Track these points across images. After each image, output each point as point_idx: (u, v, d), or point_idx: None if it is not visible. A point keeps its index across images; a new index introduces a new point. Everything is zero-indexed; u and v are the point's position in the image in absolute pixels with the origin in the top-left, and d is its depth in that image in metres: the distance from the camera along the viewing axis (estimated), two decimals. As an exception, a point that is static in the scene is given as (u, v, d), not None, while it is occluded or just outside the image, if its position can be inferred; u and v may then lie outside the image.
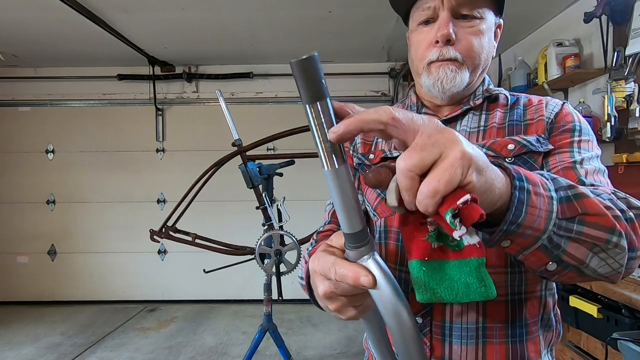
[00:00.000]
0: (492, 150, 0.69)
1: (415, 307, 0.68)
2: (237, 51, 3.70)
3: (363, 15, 2.93)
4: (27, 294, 4.09)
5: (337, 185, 0.37)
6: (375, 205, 0.79)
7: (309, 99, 0.34)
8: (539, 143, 0.68)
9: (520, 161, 0.67)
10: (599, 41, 2.20)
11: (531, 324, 0.67)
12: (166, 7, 2.74)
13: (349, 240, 0.41)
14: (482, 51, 0.71)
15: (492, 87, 0.78)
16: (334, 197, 0.38)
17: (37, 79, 4.08)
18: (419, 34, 0.73)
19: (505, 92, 0.78)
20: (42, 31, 3.14)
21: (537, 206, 0.42)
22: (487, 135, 0.72)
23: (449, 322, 0.67)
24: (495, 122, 0.74)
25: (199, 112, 4.16)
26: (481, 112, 0.76)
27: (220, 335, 3.28)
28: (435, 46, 0.70)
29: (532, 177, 0.44)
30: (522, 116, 0.73)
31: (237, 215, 4.02)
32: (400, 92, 4.11)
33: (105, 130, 4.12)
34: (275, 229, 2.36)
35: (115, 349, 3.03)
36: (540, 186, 0.43)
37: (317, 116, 0.35)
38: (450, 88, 0.70)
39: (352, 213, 0.39)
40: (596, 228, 0.45)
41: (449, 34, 0.67)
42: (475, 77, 0.74)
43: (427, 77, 0.72)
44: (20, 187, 4.13)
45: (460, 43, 0.69)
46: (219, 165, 2.51)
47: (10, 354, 2.96)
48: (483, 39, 0.71)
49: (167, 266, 4.16)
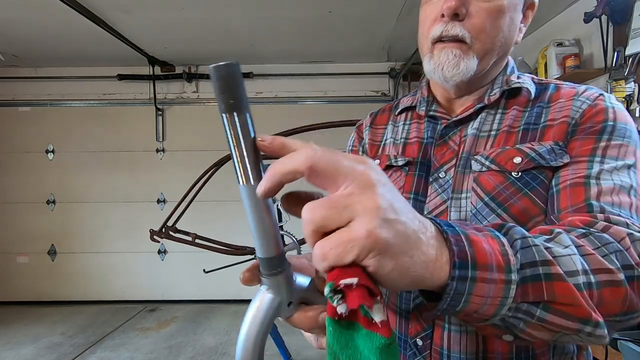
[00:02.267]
0: (495, 164, 0.60)
1: (416, 327, 0.63)
2: (237, 51, 3.70)
3: (363, 15, 2.93)
4: (27, 294, 4.09)
5: (252, 204, 0.34)
6: None
7: (225, 109, 0.32)
8: (553, 154, 0.58)
9: (528, 177, 0.58)
10: (599, 41, 2.20)
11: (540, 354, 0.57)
12: (166, 7, 2.74)
13: (262, 265, 0.38)
14: (498, 33, 0.60)
15: (514, 77, 0.66)
16: (248, 217, 0.35)
17: (37, 79, 4.08)
18: (427, 6, 0.64)
19: (530, 84, 0.65)
20: (42, 31, 3.13)
21: (485, 295, 0.35)
22: (496, 142, 0.62)
23: (447, 349, 0.60)
24: (508, 124, 0.63)
25: (199, 112, 4.16)
26: (496, 111, 0.66)
27: (220, 335, 3.28)
28: (441, 20, 0.60)
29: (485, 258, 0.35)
30: (541, 116, 0.62)
31: (237, 215, 4.02)
32: (400, 92, 4.11)
33: (105, 130, 4.12)
34: (275, 229, 2.36)
35: (115, 349, 3.03)
36: (494, 270, 0.35)
37: (233, 127, 0.32)
38: (453, 76, 0.61)
39: (266, 236, 0.35)
40: (564, 317, 0.37)
41: (456, 6, 0.58)
42: (487, 64, 0.63)
43: (428, 61, 0.64)
44: (20, 187, 4.13)
45: (471, 19, 0.59)
46: (219, 165, 2.51)
47: (10, 354, 2.96)
48: (502, 18, 0.60)
49: (167, 266, 4.16)
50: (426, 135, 0.70)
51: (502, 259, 0.35)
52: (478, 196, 0.60)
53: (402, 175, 0.70)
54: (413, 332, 0.64)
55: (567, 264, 0.38)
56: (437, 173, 0.66)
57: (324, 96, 4.18)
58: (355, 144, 0.83)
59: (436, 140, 0.68)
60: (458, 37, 0.60)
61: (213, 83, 0.31)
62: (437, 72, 0.62)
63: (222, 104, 0.32)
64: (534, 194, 0.58)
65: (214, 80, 0.31)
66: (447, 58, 0.61)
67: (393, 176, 0.72)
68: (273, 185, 0.31)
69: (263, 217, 0.34)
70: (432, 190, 0.65)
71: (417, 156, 0.69)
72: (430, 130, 0.70)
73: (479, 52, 0.61)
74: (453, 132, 0.67)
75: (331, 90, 4.16)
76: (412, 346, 0.64)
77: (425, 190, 0.66)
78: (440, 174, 0.65)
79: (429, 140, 0.69)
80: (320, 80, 4.14)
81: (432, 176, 0.66)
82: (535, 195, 0.58)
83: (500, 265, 0.35)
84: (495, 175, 0.60)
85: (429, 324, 0.62)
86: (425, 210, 0.65)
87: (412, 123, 0.74)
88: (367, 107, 4.02)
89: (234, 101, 0.32)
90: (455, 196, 0.63)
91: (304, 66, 4.08)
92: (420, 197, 0.66)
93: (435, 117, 0.70)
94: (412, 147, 0.71)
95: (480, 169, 0.61)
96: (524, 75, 0.67)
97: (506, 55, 0.67)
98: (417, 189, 0.67)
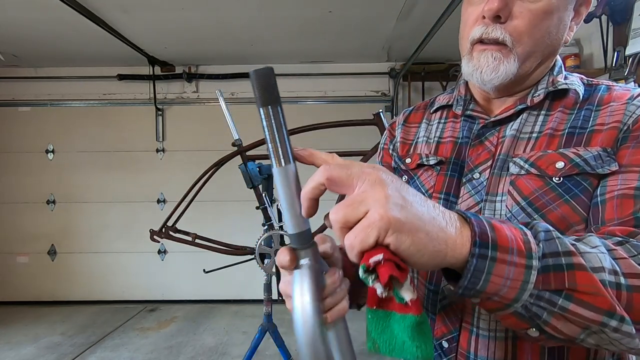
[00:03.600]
0: (535, 168, 0.57)
1: (442, 329, 0.63)
2: (237, 51, 3.70)
3: (363, 15, 2.93)
4: (27, 294, 4.09)
5: (284, 184, 0.40)
6: None
7: (262, 103, 0.39)
8: (600, 161, 0.54)
9: (570, 183, 0.55)
10: (599, 41, 2.21)
11: None
12: (166, 7, 2.74)
13: (293, 240, 0.43)
14: (544, 35, 0.57)
15: (561, 78, 0.63)
16: (280, 195, 0.40)
17: (37, 79, 4.08)
18: (468, 5, 0.62)
19: (579, 85, 0.62)
20: (42, 31, 3.13)
21: (505, 276, 0.37)
22: (537, 145, 0.59)
23: (474, 353, 0.59)
24: (552, 127, 0.60)
25: (199, 112, 4.16)
26: (539, 112, 0.62)
27: (220, 335, 3.28)
28: (482, 22, 0.58)
29: (506, 242, 0.37)
30: (589, 120, 0.58)
31: (237, 215, 4.02)
32: (400, 92, 4.11)
33: (105, 130, 4.12)
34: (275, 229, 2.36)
35: (115, 349, 3.03)
36: (514, 253, 0.37)
37: (268, 118, 0.39)
38: (492, 80, 0.59)
39: (296, 213, 0.41)
40: (587, 308, 0.38)
41: (498, 7, 0.55)
42: (530, 67, 0.60)
43: (467, 63, 0.62)
44: (20, 187, 4.13)
45: (514, 21, 0.56)
46: (219, 165, 2.51)
47: (10, 354, 2.96)
48: (549, 19, 0.56)
49: (167, 266, 4.16)
50: (461, 135, 0.68)
51: (523, 245, 0.38)
52: (514, 200, 0.58)
53: (434, 175, 0.68)
54: (439, 334, 0.63)
55: (592, 260, 0.39)
56: (471, 174, 0.64)
57: (324, 96, 4.18)
58: (386, 142, 0.81)
59: (472, 140, 0.66)
60: (498, 40, 0.57)
61: (253, 82, 0.38)
62: (475, 75, 0.61)
63: (261, 99, 0.39)
64: (576, 201, 0.55)
65: (253, 80, 0.38)
66: (487, 61, 0.59)
67: (424, 175, 0.70)
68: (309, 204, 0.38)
69: (295, 195, 0.40)
70: (465, 191, 0.63)
71: (451, 156, 0.68)
72: (466, 129, 0.68)
73: (520, 55, 0.58)
74: (490, 133, 0.65)
75: (331, 90, 4.16)
76: (437, 348, 0.64)
77: (457, 191, 0.64)
78: (474, 174, 0.63)
79: (464, 140, 0.67)
80: (320, 80, 4.14)
81: (466, 177, 0.64)
82: (577, 202, 0.55)
83: (521, 250, 0.37)
84: (534, 179, 0.57)
85: (456, 326, 0.61)
86: None
87: (448, 122, 0.72)
88: (367, 107, 4.03)
89: (270, 97, 0.39)
90: (490, 199, 0.61)
91: (304, 66, 4.07)
92: (452, 198, 0.64)
93: (473, 116, 0.68)
94: (445, 146, 0.69)
95: (519, 171, 0.59)
96: (572, 76, 0.64)
97: (554, 56, 0.63)
98: (448, 189, 0.65)
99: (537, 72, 0.63)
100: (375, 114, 2.40)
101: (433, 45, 3.14)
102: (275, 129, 0.40)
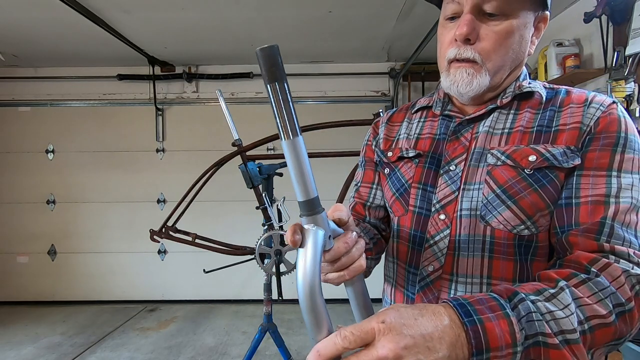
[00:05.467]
0: (511, 159, 0.65)
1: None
2: (237, 51, 3.70)
3: (363, 15, 2.93)
4: (27, 294, 4.09)
5: (293, 156, 0.44)
6: (390, 203, 0.79)
7: (269, 79, 0.41)
8: (565, 157, 0.63)
9: (539, 174, 0.63)
10: (599, 41, 2.20)
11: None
12: (166, 7, 2.74)
13: (302, 207, 0.47)
14: (508, 51, 0.66)
15: (527, 83, 0.72)
16: (290, 167, 0.44)
17: (37, 79, 4.08)
18: (443, 29, 0.71)
19: (541, 89, 0.71)
20: (42, 31, 3.13)
21: None
22: (510, 139, 0.68)
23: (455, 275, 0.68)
24: (522, 125, 0.68)
25: (199, 112, 4.16)
26: (509, 112, 0.71)
27: (220, 335, 3.28)
28: (455, 44, 0.67)
29: (496, 342, 0.44)
30: (553, 120, 0.67)
31: (237, 215, 4.02)
32: (400, 92, 4.11)
33: (105, 130, 4.12)
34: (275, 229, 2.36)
35: (115, 349, 3.03)
36: (503, 349, 0.44)
37: (275, 94, 0.42)
38: (467, 92, 0.68)
39: (305, 181, 0.45)
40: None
41: (467, 33, 0.64)
42: (501, 78, 0.69)
43: (445, 77, 0.70)
44: (20, 187, 4.13)
45: (481, 43, 0.65)
46: (219, 165, 2.51)
47: (11, 353, 2.96)
48: (511, 38, 0.65)
49: (167, 266, 4.16)
50: (439, 132, 0.76)
51: (510, 338, 0.45)
52: (490, 188, 0.66)
53: (412, 167, 0.76)
54: None
55: (566, 325, 0.47)
56: (448, 166, 0.71)
57: (324, 96, 4.18)
58: (370, 139, 0.89)
59: (449, 136, 0.74)
60: (470, 59, 0.66)
61: (259, 60, 0.41)
62: (453, 88, 0.70)
63: (267, 76, 0.41)
64: (543, 190, 0.63)
65: (260, 58, 0.41)
66: (462, 76, 0.67)
67: (404, 167, 0.78)
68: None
69: (304, 166, 0.44)
70: (442, 182, 0.71)
71: (429, 150, 0.75)
72: (443, 127, 0.76)
73: (490, 70, 0.67)
74: (465, 130, 0.73)
75: (331, 90, 4.16)
76: None
77: (435, 181, 0.72)
78: (451, 166, 0.71)
79: (441, 136, 0.76)
80: (320, 80, 4.14)
81: (443, 168, 0.72)
82: (544, 192, 0.63)
83: (508, 344, 0.45)
84: (508, 169, 0.65)
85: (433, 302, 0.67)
86: (434, 199, 0.71)
87: (427, 121, 0.80)
88: (367, 107, 4.03)
89: (276, 73, 0.41)
90: (467, 187, 0.68)
91: (304, 66, 4.08)
92: (429, 188, 0.72)
93: (450, 115, 0.76)
94: (424, 141, 0.77)
95: (495, 162, 0.67)
96: (535, 82, 0.73)
97: (521, 67, 0.72)
98: (426, 180, 0.73)
99: (507, 81, 0.71)
100: (375, 114, 2.40)
101: (433, 45, 3.12)
102: (282, 104, 0.42)
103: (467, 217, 0.67)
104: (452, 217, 0.68)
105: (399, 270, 0.76)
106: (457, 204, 0.68)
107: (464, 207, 0.68)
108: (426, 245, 0.70)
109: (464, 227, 0.67)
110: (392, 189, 0.79)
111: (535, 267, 0.65)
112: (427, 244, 0.70)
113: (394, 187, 0.79)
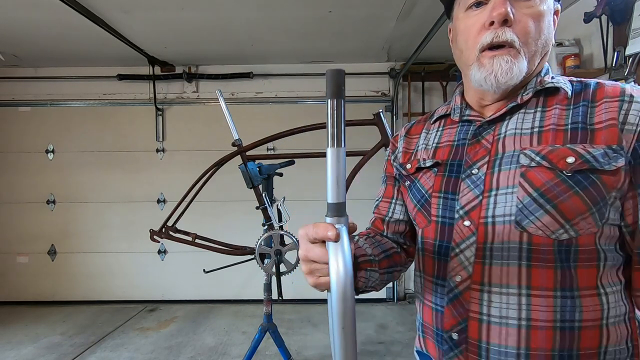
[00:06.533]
0: (547, 161, 0.60)
1: (450, 321, 0.66)
2: (237, 51, 3.70)
3: (363, 15, 2.93)
4: (27, 294, 4.09)
5: (335, 162, 0.49)
6: (414, 215, 0.77)
7: (331, 95, 0.48)
8: (607, 157, 0.58)
9: (580, 176, 0.58)
10: (599, 41, 2.20)
11: (585, 355, 0.59)
12: (166, 7, 2.74)
13: (330, 209, 0.52)
14: (541, 36, 0.63)
15: (549, 78, 0.68)
16: (329, 171, 0.49)
17: (37, 79, 4.08)
18: (467, 19, 0.66)
19: (566, 84, 0.66)
20: (42, 31, 3.13)
21: None
22: (543, 139, 0.62)
23: (486, 342, 0.61)
24: (554, 122, 0.63)
25: (199, 112, 4.16)
26: (536, 109, 0.66)
27: (220, 335, 3.28)
28: (489, 28, 0.62)
29: None
30: (587, 116, 0.61)
31: (237, 215, 4.02)
32: (400, 92, 4.11)
33: (105, 130, 4.12)
34: (275, 229, 2.36)
35: (115, 349, 3.03)
36: None
37: (333, 108, 0.48)
38: (507, 81, 0.63)
39: (338, 187, 0.50)
40: None
41: (507, 12, 0.60)
42: (534, 66, 0.65)
43: (477, 70, 0.65)
44: (20, 187, 4.13)
45: (518, 25, 0.62)
46: (219, 165, 2.51)
47: (11, 353, 2.96)
48: (543, 21, 0.63)
49: (167, 266, 4.15)
50: (458, 138, 0.73)
51: None
52: (526, 191, 0.61)
53: (432, 176, 0.74)
54: (448, 326, 0.66)
55: None
56: (469, 170, 0.68)
57: (324, 96, 4.16)
58: (389, 154, 0.89)
59: (470, 139, 0.71)
60: (508, 42, 0.62)
61: (328, 78, 0.48)
62: (489, 80, 0.64)
63: (330, 92, 0.48)
64: (585, 193, 0.58)
65: (329, 77, 0.48)
66: (500, 65, 0.63)
67: (423, 178, 0.75)
68: None
69: (340, 173, 0.50)
70: (465, 186, 0.68)
71: (448, 158, 0.73)
72: (462, 132, 0.73)
73: (527, 54, 0.63)
74: (487, 132, 0.69)
75: (331, 90, 4.15)
76: (447, 341, 0.66)
77: (456, 188, 0.69)
78: (473, 170, 0.67)
79: (461, 141, 0.72)
80: (321, 80, 4.14)
81: (465, 173, 0.68)
82: (586, 194, 0.58)
83: None
84: (545, 171, 0.60)
85: (464, 317, 0.64)
86: (457, 205, 0.67)
87: (445, 129, 0.78)
88: (367, 107, 4.03)
89: (338, 92, 0.48)
90: (496, 192, 0.64)
91: (304, 66, 4.08)
92: (451, 195, 0.69)
93: (469, 120, 0.73)
94: (442, 150, 0.75)
95: (529, 163, 0.62)
96: (558, 76, 0.69)
97: (545, 59, 0.68)
98: (446, 188, 0.70)
99: (531, 75, 0.67)
100: (375, 114, 2.40)
101: (433, 45, 3.14)
102: (337, 117, 0.48)
103: (501, 224, 0.62)
104: (478, 223, 0.64)
105: (426, 283, 0.72)
106: (482, 210, 0.64)
107: (496, 213, 0.63)
108: (452, 255, 0.66)
109: (496, 234, 0.62)
110: (413, 201, 0.76)
111: (580, 274, 0.60)
112: (452, 253, 0.66)
113: (414, 198, 0.76)
